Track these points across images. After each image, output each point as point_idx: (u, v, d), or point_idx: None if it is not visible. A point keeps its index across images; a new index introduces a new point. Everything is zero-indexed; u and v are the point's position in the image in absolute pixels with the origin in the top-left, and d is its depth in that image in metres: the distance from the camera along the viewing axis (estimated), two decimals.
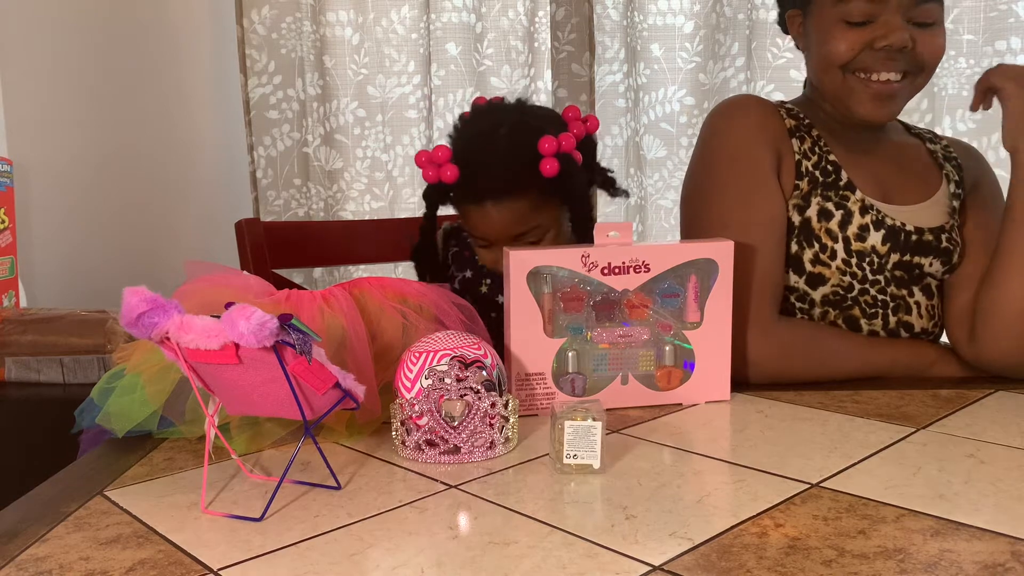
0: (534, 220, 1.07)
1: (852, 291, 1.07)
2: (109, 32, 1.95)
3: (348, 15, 2.11)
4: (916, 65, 1.04)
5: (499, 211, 1.07)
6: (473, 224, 1.10)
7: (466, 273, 1.20)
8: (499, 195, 1.06)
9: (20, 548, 0.64)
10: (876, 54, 1.02)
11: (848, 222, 1.07)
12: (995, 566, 0.57)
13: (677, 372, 0.95)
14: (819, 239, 1.07)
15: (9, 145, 1.67)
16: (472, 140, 1.11)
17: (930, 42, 1.03)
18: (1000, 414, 0.90)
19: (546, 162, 1.03)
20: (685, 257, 0.93)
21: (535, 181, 1.04)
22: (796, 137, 1.10)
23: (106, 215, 1.92)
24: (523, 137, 1.06)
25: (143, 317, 0.68)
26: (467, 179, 1.07)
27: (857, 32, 1.03)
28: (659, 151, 2.07)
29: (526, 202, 1.06)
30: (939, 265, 1.09)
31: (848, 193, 1.08)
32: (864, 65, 1.03)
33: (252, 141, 2.14)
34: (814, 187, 1.08)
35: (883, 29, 1.01)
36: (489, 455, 0.80)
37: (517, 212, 1.06)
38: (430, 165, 1.08)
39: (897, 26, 1.01)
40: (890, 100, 1.05)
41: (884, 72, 1.03)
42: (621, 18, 2.06)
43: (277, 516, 0.68)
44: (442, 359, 0.80)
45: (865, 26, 1.03)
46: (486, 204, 1.07)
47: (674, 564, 0.58)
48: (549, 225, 1.09)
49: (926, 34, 1.03)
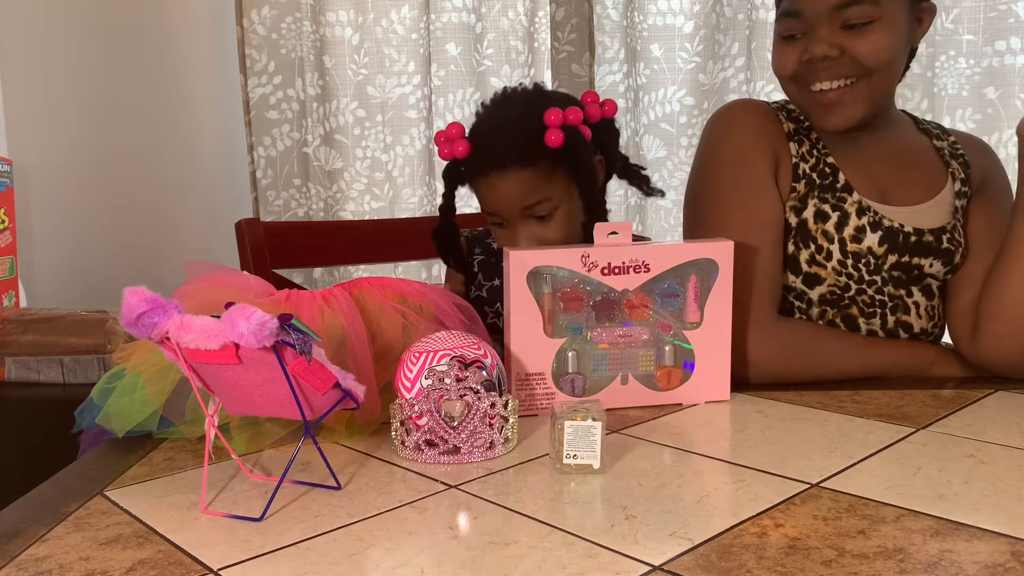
0: (542, 192, 1.07)
1: (849, 291, 1.07)
2: (109, 32, 1.95)
3: (348, 15, 2.11)
4: (859, 68, 1.02)
5: (506, 182, 1.07)
6: (484, 199, 1.11)
7: (494, 282, 1.20)
8: (505, 165, 1.06)
9: (20, 548, 0.64)
10: (809, 66, 1.03)
11: (845, 223, 1.07)
12: (995, 566, 0.57)
13: (677, 372, 0.95)
14: (815, 240, 1.07)
15: (9, 145, 1.67)
16: (484, 118, 1.14)
17: (866, 44, 1.01)
18: (1000, 414, 0.90)
19: (551, 133, 1.04)
20: (685, 257, 0.93)
21: (541, 152, 1.05)
22: (794, 140, 1.11)
23: (106, 215, 1.92)
24: (532, 112, 1.08)
25: (143, 317, 0.68)
26: (476, 151, 1.09)
27: (792, 47, 1.05)
28: (659, 151, 2.07)
29: (533, 173, 1.06)
30: (940, 266, 1.09)
31: (845, 195, 1.08)
32: (805, 79, 1.05)
33: (252, 141, 2.13)
34: (811, 189, 1.08)
35: (809, 41, 1.02)
36: (489, 455, 0.80)
37: (524, 183, 1.06)
38: (444, 142, 1.10)
39: (820, 37, 1.01)
40: (840, 107, 1.04)
41: (819, 83, 1.03)
42: (621, 18, 2.06)
43: (277, 516, 0.68)
44: (442, 359, 0.80)
45: (799, 39, 1.04)
46: (492, 175, 1.07)
47: (674, 564, 0.58)
48: (559, 200, 1.08)
49: (859, 37, 1.01)
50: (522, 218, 1.08)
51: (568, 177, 1.09)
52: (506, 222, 1.10)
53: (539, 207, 1.07)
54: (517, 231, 1.09)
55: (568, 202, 1.09)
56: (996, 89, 1.89)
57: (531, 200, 1.07)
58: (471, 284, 1.22)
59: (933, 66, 1.92)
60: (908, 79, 1.93)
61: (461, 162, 1.11)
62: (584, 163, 1.07)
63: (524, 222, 1.08)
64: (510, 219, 1.09)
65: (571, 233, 1.10)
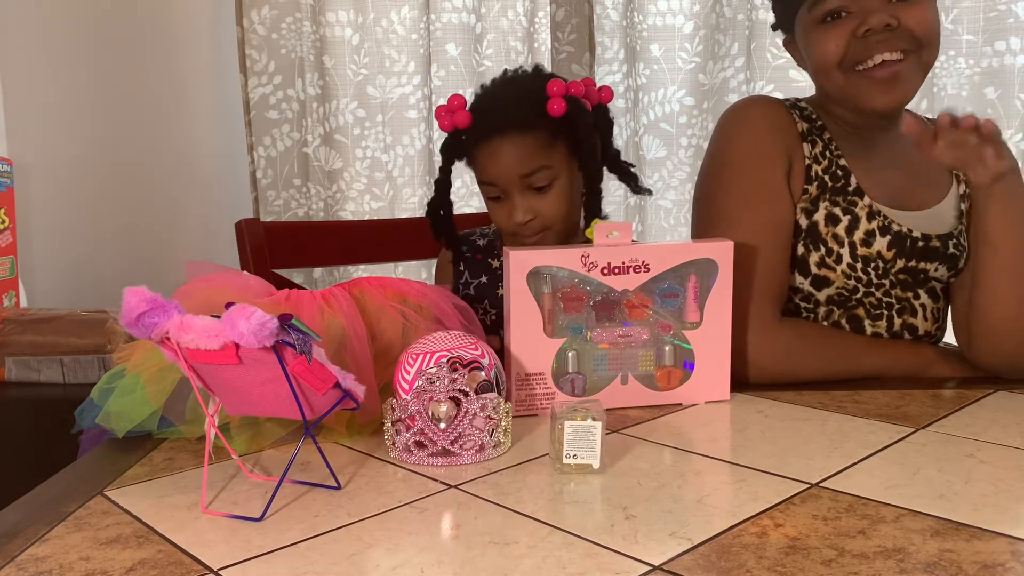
0: (542, 159, 1.07)
1: (856, 293, 1.07)
2: (109, 32, 1.95)
3: (348, 15, 2.11)
4: (912, 41, 1.01)
5: (507, 146, 1.07)
6: (483, 167, 1.10)
7: (481, 279, 1.20)
8: (506, 129, 1.07)
9: (20, 548, 0.64)
10: (864, 41, 1.01)
11: (855, 227, 1.06)
12: (995, 566, 0.57)
13: (677, 372, 0.95)
14: (825, 243, 1.07)
15: (9, 145, 1.67)
16: (487, 90, 1.15)
17: (916, 15, 1.00)
18: (1000, 414, 0.90)
19: (554, 102, 1.05)
20: (685, 257, 0.93)
21: (543, 120, 1.07)
22: (808, 141, 1.10)
23: (106, 215, 1.92)
24: (534, 83, 1.09)
25: (143, 317, 0.68)
26: (478, 118, 1.10)
27: (838, 27, 1.02)
28: (659, 151, 2.07)
29: (534, 140, 1.07)
30: (945, 270, 1.09)
31: (856, 199, 1.07)
32: (857, 57, 1.02)
33: (252, 141, 2.13)
34: (823, 192, 1.08)
35: (861, 16, 1.01)
36: (478, 458, 0.79)
37: (525, 149, 1.07)
38: (446, 113, 1.11)
39: (873, 7, 1.00)
40: (896, 82, 1.02)
41: (879, 54, 1.01)
42: (621, 18, 2.06)
43: (277, 516, 0.68)
44: (439, 360, 0.80)
45: (843, 18, 1.02)
46: (494, 140, 1.08)
47: (674, 564, 0.58)
48: (557, 171, 1.08)
49: (910, 8, 1.00)
50: (520, 189, 1.08)
51: (568, 151, 1.09)
52: (503, 194, 1.10)
53: (538, 175, 1.07)
54: (514, 203, 1.08)
55: (566, 175, 1.10)
56: (996, 89, 1.88)
57: (530, 167, 1.07)
58: (458, 271, 1.22)
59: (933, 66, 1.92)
60: None
61: (462, 132, 1.11)
62: (585, 136, 1.08)
63: (522, 193, 1.08)
64: (508, 190, 1.09)
65: (568, 209, 1.10)
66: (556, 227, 1.10)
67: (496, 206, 1.12)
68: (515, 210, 1.08)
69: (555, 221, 1.10)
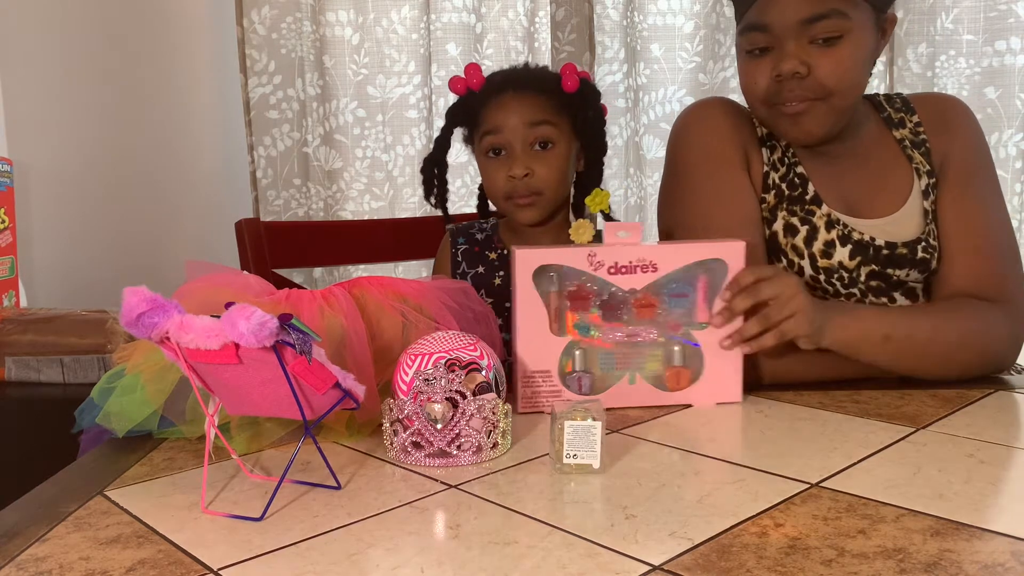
0: (548, 115, 1.13)
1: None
2: (109, 32, 1.95)
3: (348, 15, 2.11)
4: (821, 90, 0.99)
5: (520, 99, 1.14)
6: (491, 117, 1.15)
7: (478, 269, 1.23)
8: (523, 87, 1.15)
9: (20, 548, 0.64)
10: (779, 84, 1.00)
11: (814, 238, 1.06)
12: (995, 566, 0.57)
13: (686, 373, 0.95)
14: (785, 255, 1.06)
15: (9, 145, 1.67)
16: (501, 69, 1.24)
17: (830, 63, 0.98)
18: (1000, 414, 0.90)
19: (568, 78, 1.14)
20: (694, 257, 0.93)
21: (555, 91, 1.15)
22: (767, 147, 1.10)
23: (106, 215, 1.92)
24: (547, 70, 1.22)
25: (143, 317, 0.68)
26: (494, 78, 1.18)
27: (763, 63, 1.01)
28: (659, 151, 2.07)
29: (547, 101, 1.14)
30: (917, 274, 1.08)
31: (814, 207, 1.06)
32: (773, 97, 1.02)
33: (252, 141, 2.14)
34: (780, 201, 1.07)
35: (778, 57, 0.99)
36: (475, 459, 0.79)
37: (535, 103, 1.13)
38: (459, 80, 1.18)
39: (789, 52, 0.98)
40: (803, 122, 1.01)
41: (788, 104, 1.00)
42: (621, 18, 2.06)
43: (277, 516, 0.68)
44: (437, 362, 0.80)
45: (769, 54, 1.01)
46: (508, 93, 1.14)
47: (674, 564, 0.58)
48: (559, 136, 1.14)
49: (826, 54, 0.98)
50: (522, 143, 1.12)
51: (571, 128, 1.16)
52: (505, 146, 1.14)
53: (542, 128, 1.13)
54: (515, 157, 1.13)
55: (566, 146, 1.15)
56: (996, 89, 1.89)
57: (537, 118, 1.12)
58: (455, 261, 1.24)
59: (933, 66, 1.92)
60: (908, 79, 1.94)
61: (474, 95, 1.17)
62: (592, 117, 1.16)
63: (524, 149, 1.13)
64: (511, 141, 1.13)
65: (561, 179, 1.15)
66: (548, 194, 1.14)
67: (493, 164, 1.16)
68: (514, 163, 1.12)
69: (548, 186, 1.14)
